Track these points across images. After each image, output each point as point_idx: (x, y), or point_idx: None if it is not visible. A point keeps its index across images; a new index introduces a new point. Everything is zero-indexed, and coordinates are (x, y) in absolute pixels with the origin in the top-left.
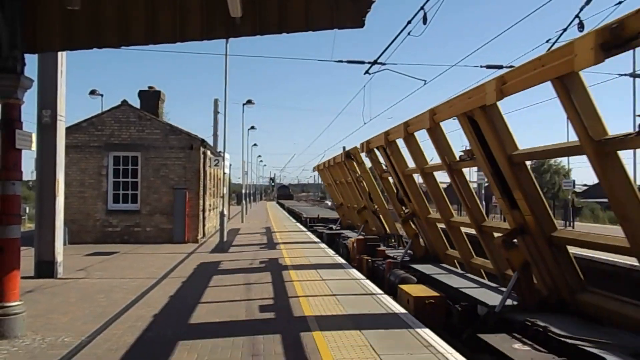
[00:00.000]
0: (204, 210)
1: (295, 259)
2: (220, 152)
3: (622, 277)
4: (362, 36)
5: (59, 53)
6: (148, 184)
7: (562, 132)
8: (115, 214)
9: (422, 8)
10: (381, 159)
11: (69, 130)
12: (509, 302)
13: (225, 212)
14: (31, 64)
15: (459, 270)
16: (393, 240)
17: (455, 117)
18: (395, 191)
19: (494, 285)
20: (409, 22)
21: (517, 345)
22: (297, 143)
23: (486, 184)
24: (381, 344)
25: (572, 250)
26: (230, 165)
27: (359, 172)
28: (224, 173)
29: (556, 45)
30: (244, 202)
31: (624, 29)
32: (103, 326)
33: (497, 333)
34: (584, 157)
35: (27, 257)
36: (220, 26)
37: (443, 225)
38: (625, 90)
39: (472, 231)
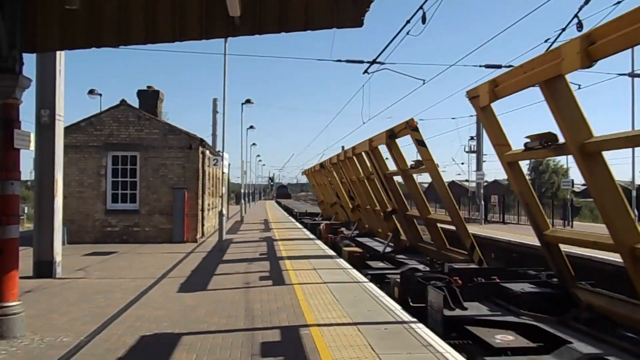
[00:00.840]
0: (203, 210)
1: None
2: (219, 151)
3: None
4: (361, 35)
5: (58, 53)
6: (147, 184)
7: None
8: (114, 214)
9: (421, 7)
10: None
11: (68, 130)
12: (389, 249)
13: (224, 212)
14: (29, 63)
15: (379, 239)
16: (352, 225)
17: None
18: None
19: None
20: (408, 21)
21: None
22: (296, 142)
23: (485, 184)
24: (380, 343)
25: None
26: (229, 164)
27: (331, 177)
28: (223, 173)
29: (555, 45)
30: (242, 201)
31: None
32: (102, 326)
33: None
34: None
35: (26, 257)
36: (220, 26)
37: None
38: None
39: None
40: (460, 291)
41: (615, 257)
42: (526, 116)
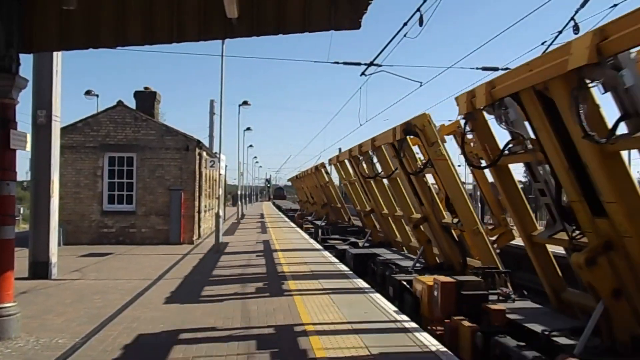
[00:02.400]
0: (199, 212)
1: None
2: (216, 153)
3: None
4: (358, 37)
5: (55, 53)
6: (144, 185)
7: None
8: (110, 215)
9: (418, 10)
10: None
11: (64, 130)
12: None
13: (221, 213)
14: (26, 63)
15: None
16: (322, 219)
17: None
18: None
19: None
20: (405, 23)
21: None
22: (293, 144)
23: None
24: (376, 343)
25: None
26: (226, 166)
27: (317, 181)
28: (220, 174)
29: (551, 48)
30: (239, 203)
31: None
32: (98, 327)
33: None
34: None
35: (22, 257)
36: (217, 27)
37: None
38: None
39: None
40: None
41: None
42: None
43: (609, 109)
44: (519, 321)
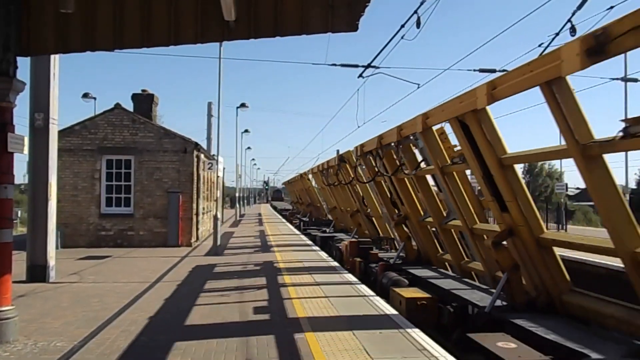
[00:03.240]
0: (197, 214)
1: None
2: (214, 155)
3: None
4: (356, 39)
5: (52, 56)
6: (142, 188)
7: (554, 136)
8: (108, 218)
9: (415, 12)
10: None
11: (62, 133)
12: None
13: (219, 216)
14: (23, 66)
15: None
16: (306, 215)
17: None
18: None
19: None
20: (403, 25)
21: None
22: (291, 147)
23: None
24: (375, 347)
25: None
26: (224, 168)
27: (303, 186)
28: (218, 176)
29: (549, 49)
30: (237, 205)
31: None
32: (96, 331)
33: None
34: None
35: (19, 261)
36: (215, 29)
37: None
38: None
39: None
40: None
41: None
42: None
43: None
44: (384, 257)
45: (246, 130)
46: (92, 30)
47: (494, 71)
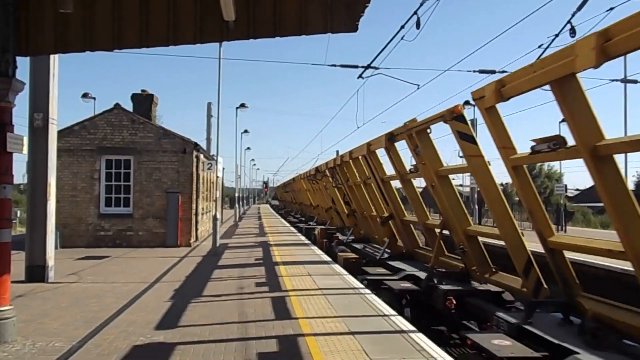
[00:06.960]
0: (196, 214)
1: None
2: (213, 155)
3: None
4: (356, 40)
5: (51, 56)
6: (141, 188)
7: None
8: (107, 218)
9: (415, 13)
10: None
11: (61, 133)
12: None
13: (219, 216)
14: (22, 66)
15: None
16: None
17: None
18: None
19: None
20: (402, 26)
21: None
22: (291, 147)
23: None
24: (373, 347)
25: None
26: (223, 168)
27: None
28: (217, 177)
29: (548, 51)
30: (237, 205)
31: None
32: (94, 331)
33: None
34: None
35: (18, 261)
36: (214, 30)
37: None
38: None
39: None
40: None
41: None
42: (522, 120)
43: None
44: (340, 238)
45: (246, 131)
46: (91, 30)
47: (493, 72)
